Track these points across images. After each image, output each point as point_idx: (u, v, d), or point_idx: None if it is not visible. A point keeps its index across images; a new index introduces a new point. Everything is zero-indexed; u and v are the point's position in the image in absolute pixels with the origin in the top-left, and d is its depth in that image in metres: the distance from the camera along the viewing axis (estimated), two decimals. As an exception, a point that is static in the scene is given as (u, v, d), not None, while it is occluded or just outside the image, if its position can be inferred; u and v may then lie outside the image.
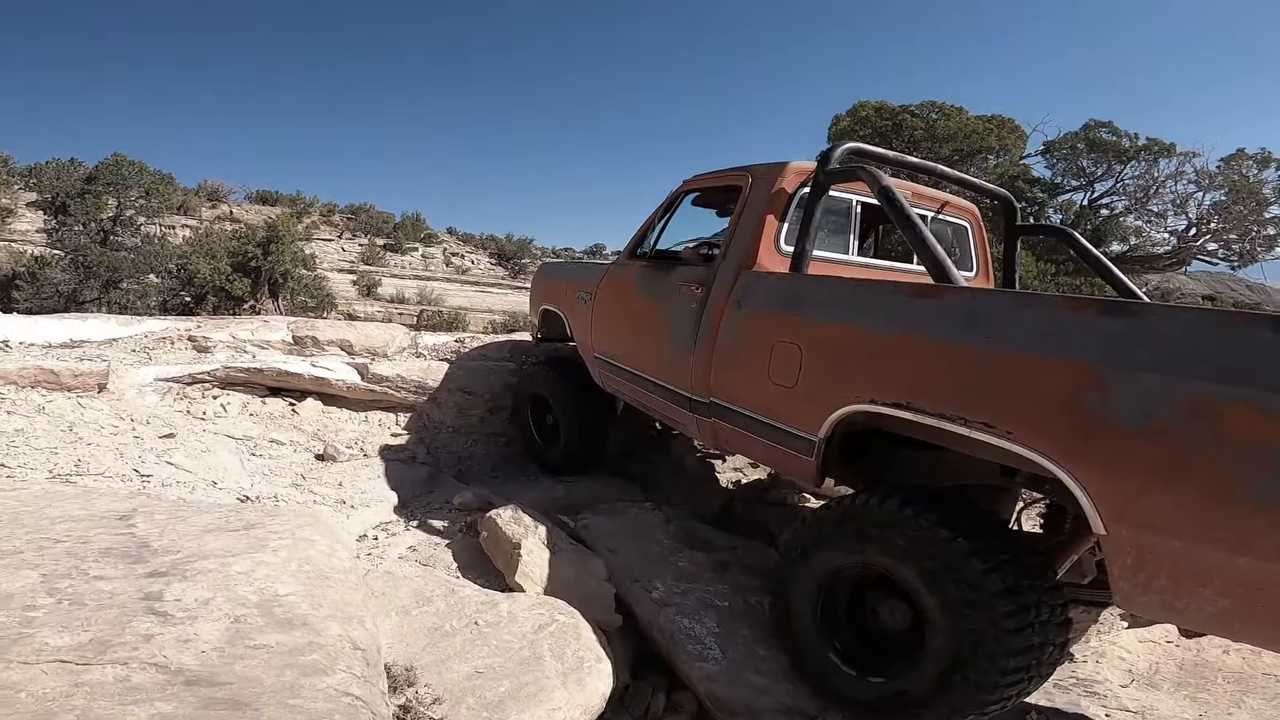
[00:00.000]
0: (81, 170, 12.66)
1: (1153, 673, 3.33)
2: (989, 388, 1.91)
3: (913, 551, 2.04)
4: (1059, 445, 1.76)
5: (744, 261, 2.96)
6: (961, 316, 2.06)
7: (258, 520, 1.95)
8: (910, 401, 2.11)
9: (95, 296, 11.06)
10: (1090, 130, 11.32)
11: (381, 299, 21.39)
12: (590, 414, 4.66)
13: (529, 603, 2.33)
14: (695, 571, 3.10)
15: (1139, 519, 1.64)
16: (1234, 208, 10.28)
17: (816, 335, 2.51)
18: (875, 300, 2.39)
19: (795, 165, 3.05)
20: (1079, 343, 1.75)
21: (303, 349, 5.40)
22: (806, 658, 2.43)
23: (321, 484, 3.63)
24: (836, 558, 2.31)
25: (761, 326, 2.75)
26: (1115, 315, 1.74)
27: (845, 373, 2.36)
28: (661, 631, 2.69)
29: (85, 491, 2.40)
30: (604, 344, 4.15)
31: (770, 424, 2.68)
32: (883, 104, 11.45)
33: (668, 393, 3.36)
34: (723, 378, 2.94)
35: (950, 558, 1.95)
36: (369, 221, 30.84)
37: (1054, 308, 1.90)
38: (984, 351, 1.95)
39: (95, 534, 1.74)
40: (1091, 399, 1.69)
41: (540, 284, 5.37)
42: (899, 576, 2.12)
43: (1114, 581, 1.75)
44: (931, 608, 2.02)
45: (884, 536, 2.12)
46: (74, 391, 3.94)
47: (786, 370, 2.57)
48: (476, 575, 2.82)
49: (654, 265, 3.60)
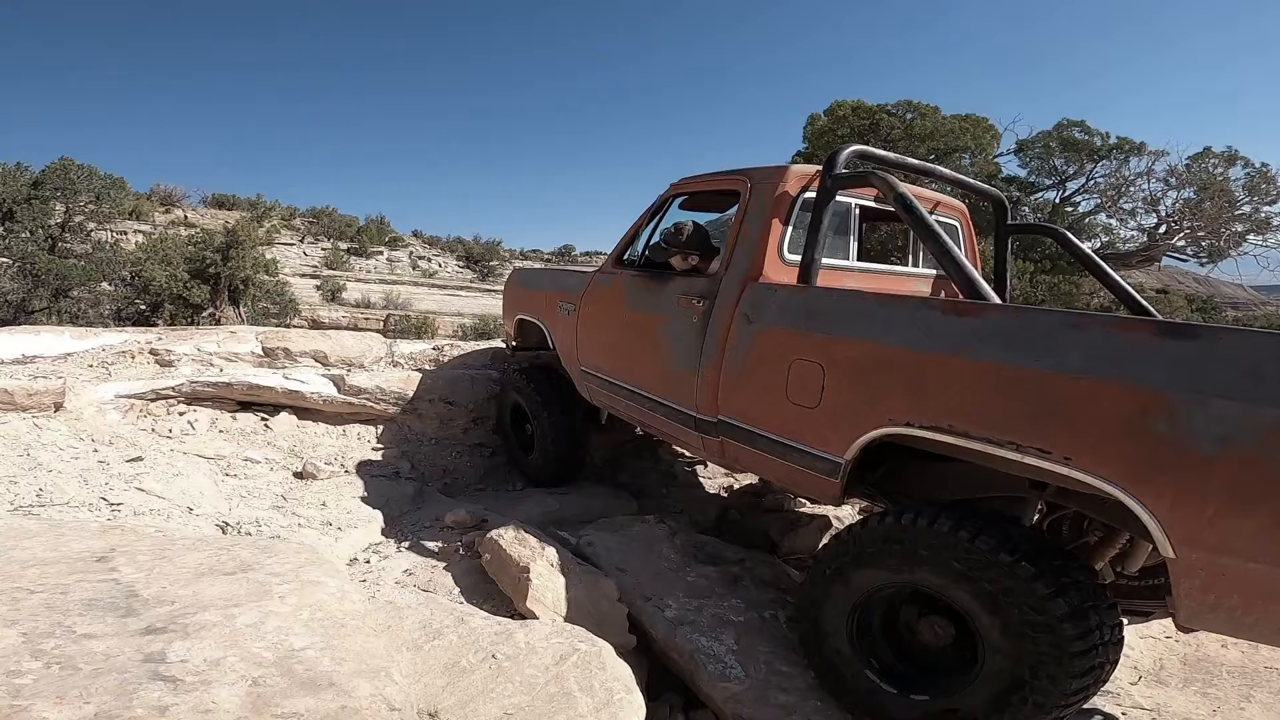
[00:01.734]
0: (28, 175, 11.97)
1: (1159, 669, 3.35)
2: (1043, 412, 1.84)
3: (971, 575, 1.97)
4: (1125, 471, 1.71)
5: (749, 273, 2.82)
6: (1006, 336, 1.96)
7: (253, 560, 1.76)
8: (952, 425, 2.02)
9: (45, 305, 10.50)
10: (1063, 129, 11.53)
11: (347, 304, 20.89)
12: (566, 423, 4.49)
13: (546, 631, 2.18)
14: (707, 586, 3.00)
15: (1213, 543, 1.61)
16: (1204, 205, 10.59)
17: (841, 353, 2.37)
18: (905, 316, 2.25)
19: (796, 169, 2.93)
20: (1141, 366, 1.70)
21: (274, 361, 5.14)
22: (841, 677, 2.33)
23: (304, 505, 3.43)
24: (880, 577, 2.21)
25: (776, 343, 2.61)
26: (1179, 338, 1.69)
27: (876, 394, 2.24)
28: (680, 652, 2.59)
29: (52, 526, 2.18)
30: (592, 358, 3.96)
31: (789, 444, 2.56)
32: (859, 103, 11.51)
33: (669, 410, 3.20)
34: (733, 396, 2.80)
35: (1014, 582, 1.89)
36: (332, 225, 30.09)
37: (1110, 328, 1.83)
38: (1036, 374, 1.86)
39: (73, 581, 1.55)
40: (1160, 425, 1.64)
41: (515, 293, 5.16)
42: (951, 597, 2.04)
43: (1179, 600, 1.73)
44: (989, 629, 1.95)
45: (938, 559, 2.04)
46: (29, 412, 3.66)
47: (807, 390, 2.45)
48: (481, 600, 2.67)
49: (646, 275, 3.44)
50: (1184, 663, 3.47)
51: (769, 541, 4.10)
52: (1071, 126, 11.31)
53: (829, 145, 11.47)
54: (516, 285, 5.22)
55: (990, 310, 2.07)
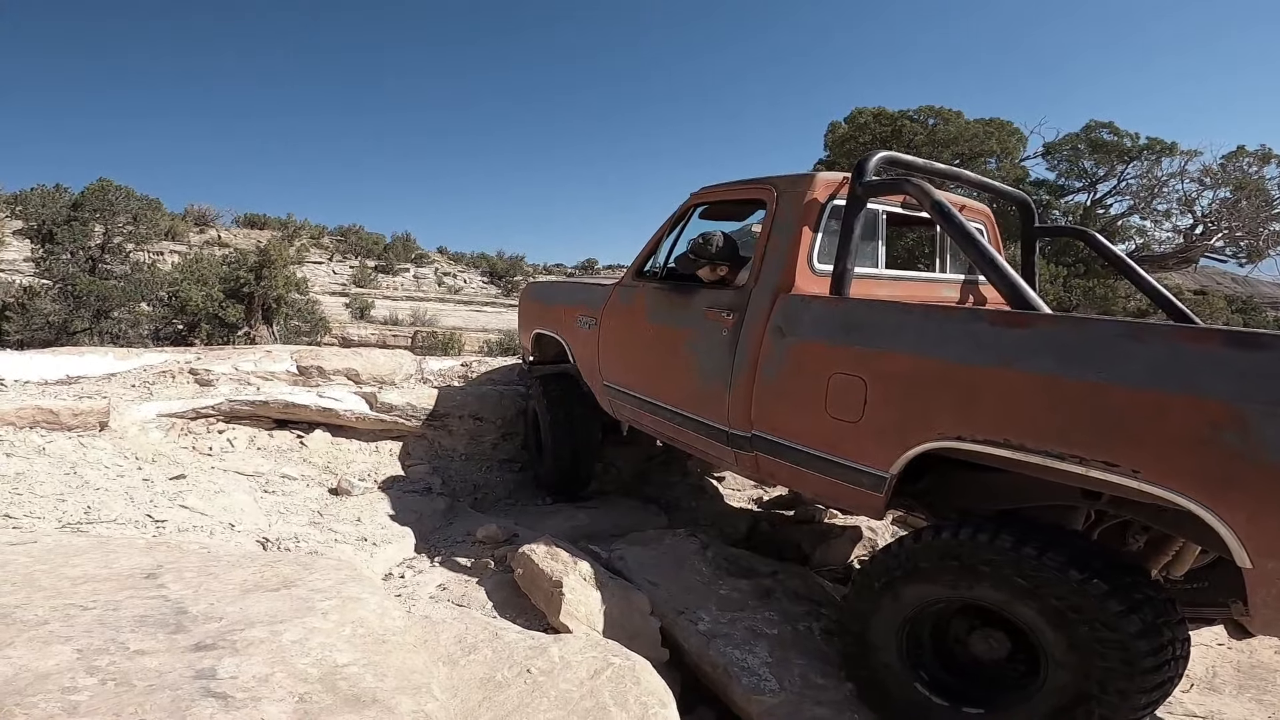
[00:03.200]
0: (67, 197, 12.34)
1: (1211, 676, 3.28)
2: (1107, 425, 1.80)
3: (1038, 591, 1.93)
4: (1198, 484, 1.68)
5: (780, 285, 2.76)
6: (1064, 347, 1.92)
7: (295, 576, 1.80)
8: (1009, 439, 1.97)
9: (86, 326, 10.82)
10: (1091, 130, 11.30)
11: (375, 321, 21.21)
12: (572, 434, 4.47)
13: (579, 645, 2.19)
14: (739, 599, 2.98)
15: None
16: (1241, 205, 10.31)
17: (885, 367, 2.31)
18: (953, 329, 2.20)
19: (824, 176, 2.87)
20: (1210, 377, 1.66)
21: (308, 379, 5.26)
22: (888, 691, 2.28)
23: (340, 521, 3.48)
24: (935, 591, 2.16)
25: (814, 357, 2.56)
26: (1249, 348, 1.65)
27: (924, 407, 2.18)
28: (713, 665, 2.57)
29: (101, 543, 2.25)
30: (616, 373, 3.89)
31: (829, 459, 2.49)
32: (880, 110, 11.41)
33: (699, 425, 3.14)
34: (768, 411, 2.74)
35: (1083, 599, 1.86)
36: (359, 243, 30.64)
37: (1174, 339, 1.80)
38: (1100, 386, 1.81)
39: (124, 598, 1.60)
40: (1233, 438, 1.61)
41: (530, 307, 5.12)
42: (1014, 613, 2.00)
43: (1255, 608, 1.72)
44: (1055, 644, 1.92)
45: (1000, 575, 1.99)
46: (74, 431, 3.78)
47: (848, 404, 2.39)
48: (515, 615, 2.69)
49: (670, 288, 3.39)
50: (1238, 670, 3.39)
51: (800, 554, 4.07)
52: (1100, 128, 11.07)
53: (850, 153, 11.37)
54: (531, 299, 5.19)
55: (1043, 320, 2.02)
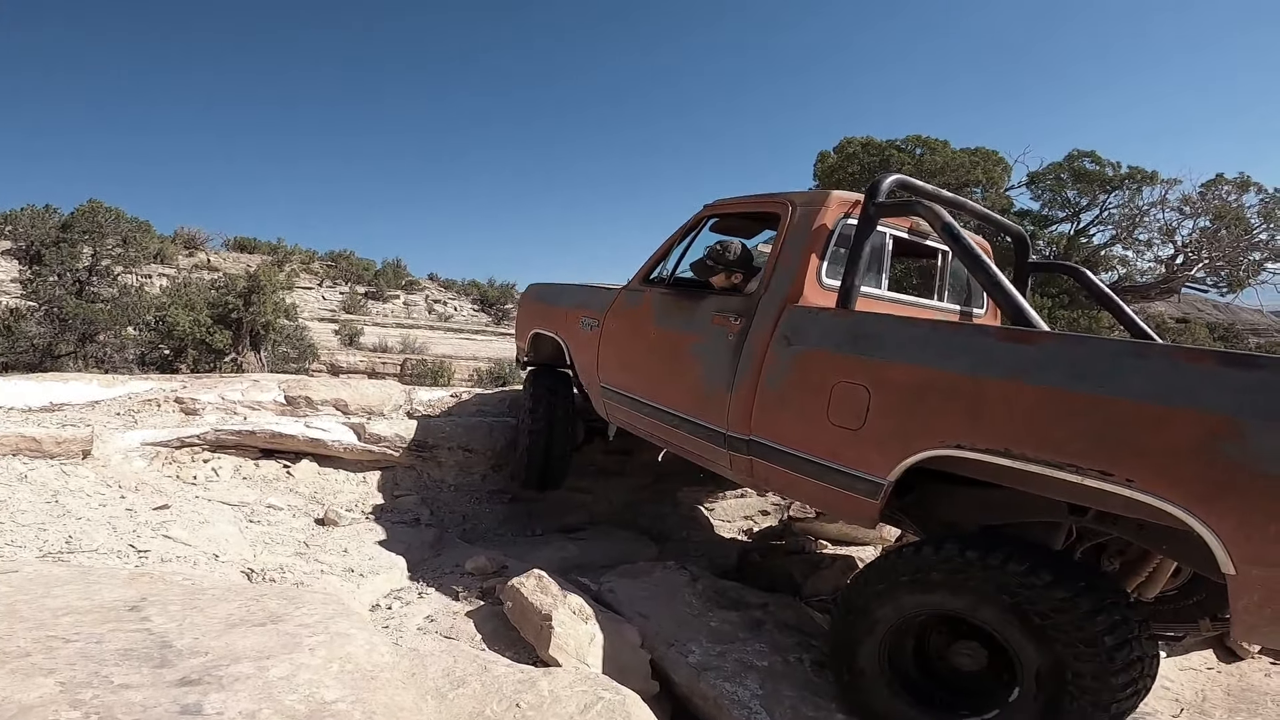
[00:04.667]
0: (57, 217, 12.30)
1: (1201, 700, 3.28)
2: (1105, 436, 1.89)
3: (1021, 605, 2.02)
4: (1189, 492, 1.77)
5: (789, 295, 2.85)
6: (1068, 363, 2.01)
7: (282, 610, 1.77)
8: (1009, 448, 2.05)
9: (71, 350, 10.72)
10: (1074, 160, 11.50)
11: (364, 348, 21.13)
12: (555, 430, 4.56)
13: (569, 679, 2.16)
14: (730, 632, 2.96)
15: (1273, 558, 1.69)
16: (1221, 234, 10.50)
17: (890, 377, 2.39)
18: (960, 343, 2.31)
19: (839, 195, 2.98)
20: (1209, 393, 1.76)
21: (296, 409, 5.21)
22: (876, 709, 2.35)
23: (326, 551, 3.44)
24: (926, 602, 2.23)
25: (818, 366, 2.63)
26: (1245, 367, 1.77)
27: (926, 417, 2.27)
28: (704, 698, 2.55)
29: (83, 574, 2.21)
30: (613, 375, 3.95)
31: (827, 465, 2.56)
32: (869, 139, 11.64)
33: (696, 428, 3.19)
34: (768, 416, 2.81)
35: (1066, 615, 1.96)
36: (349, 269, 30.63)
37: (1174, 357, 1.90)
38: (1099, 399, 1.91)
39: (107, 630, 1.57)
40: (1229, 448, 1.71)
41: (531, 307, 5.19)
42: (995, 626, 2.09)
43: (1237, 615, 1.80)
44: (1032, 656, 2.02)
45: (984, 589, 2.09)
46: (57, 459, 3.73)
47: (850, 412, 2.47)
48: (504, 647, 2.65)
49: (678, 293, 3.45)
50: (1227, 693, 3.38)
51: (792, 584, 4.05)
52: (1082, 157, 11.27)
53: (840, 183, 11.53)
54: (534, 300, 5.22)
55: (1048, 338, 2.13)
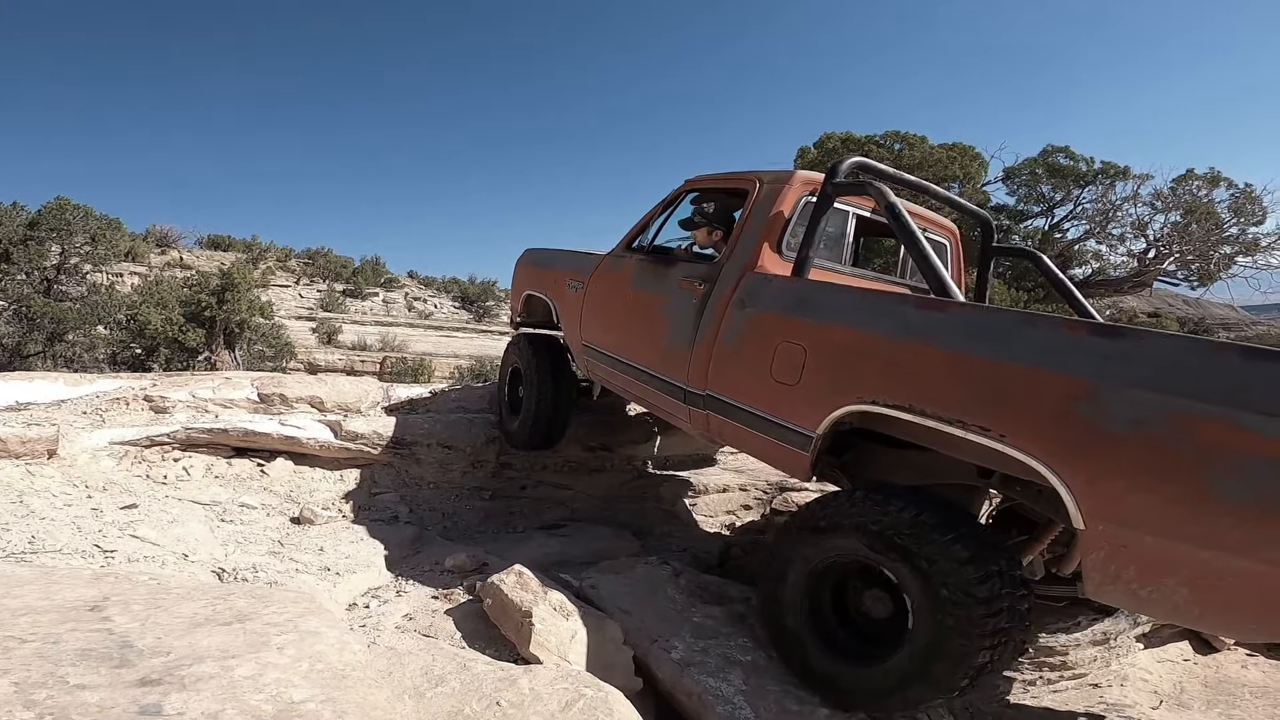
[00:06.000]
0: (24, 215, 11.92)
1: (1179, 692, 3.31)
2: (988, 395, 2.08)
3: (910, 550, 2.19)
4: (1048, 448, 1.93)
5: (749, 263, 3.06)
6: (968, 330, 2.22)
7: (250, 609, 1.71)
8: (913, 404, 2.25)
9: (40, 350, 10.43)
10: (1049, 155, 11.60)
11: (343, 346, 20.85)
12: (554, 392, 4.71)
13: (550, 677, 2.12)
14: (713, 627, 2.94)
15: (1117, 516, 1.83)
16: (1191, 228, 10.66)
17: (823, 338, 2.62)
18: (884, 309, 2.54)
19: (803, 174, 3.16)
20: (1076, 359, 1.93)
21: (270, 407, 5.10)
22: (796, 650, 2.57)
23: (301, 550, 3.36)
24: (840, 545, 2.41)
25: (766, 326, 2.85)
26: (1111, 337, 1.96)
27: (849, 375, 2.48)
28: (688, 694, 2.52)
29: (45, 574, 2.13)
30: (594, 333, 4.20)
31: (768, 419, 2.77)
32: (849, 135, 11.69)
33: (662, 384, 3.42)
34: (722, 372, 3.02)
35: (945, 561, 2.11)
36: (327, 266, 30.10)
37: (1056, 327, 2.08)
38: (987, 362, 2.11)
39: (65, 630, 1.50)
40: (1084, 408, 1.87)
41: (526, 270, 5.40)
42: (894, 570, 2.26)
43: (1086, 572, 1.95)
44: (919, 599, 2.18)
45: (883, 534, 2.26)
46: (22, 459, 3.61)
47: (789, 369, 2.67)
48: (484, 645, 2.60)
49: (653, 259, 3.69)
50: (1205, 685, 3.42)
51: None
52: (1056, 152, 11.40)
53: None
54: (527, 264, 5.42)
55: (955, 307, 2.35)
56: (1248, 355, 1.72)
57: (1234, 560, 1.69)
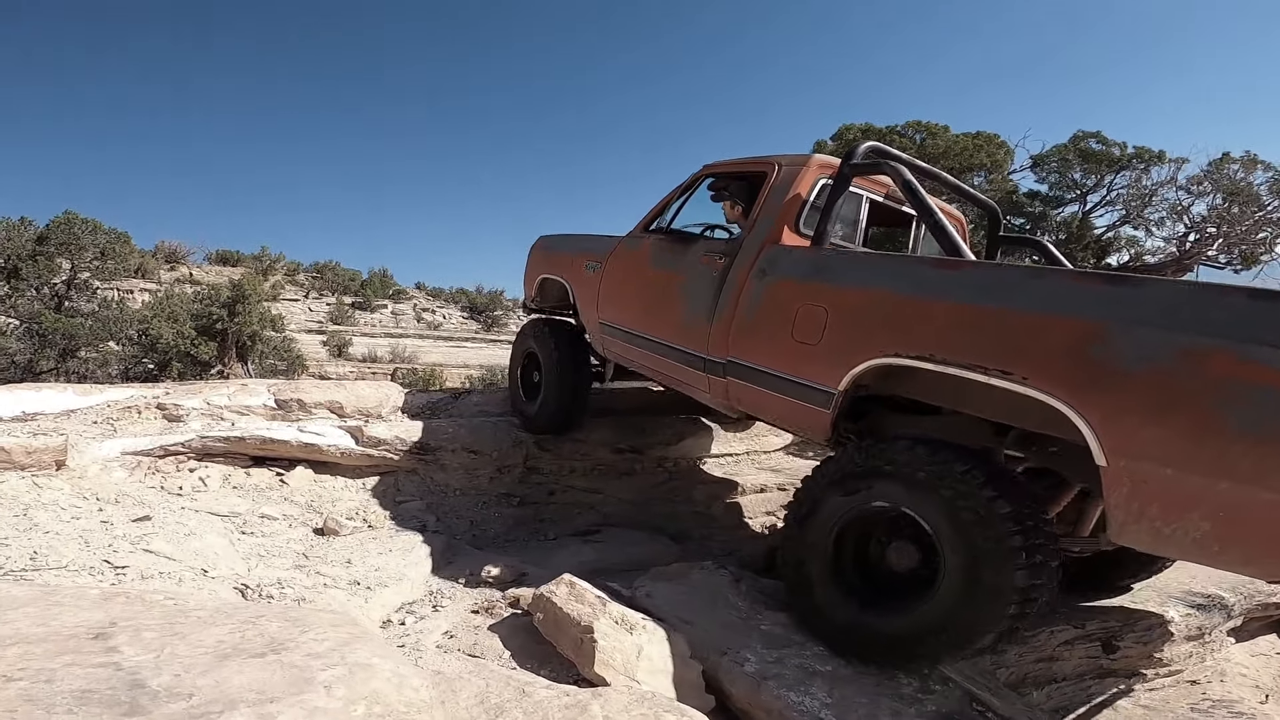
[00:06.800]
0: (32, 230, 11.75)
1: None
2: (1008, 342, 2.17)
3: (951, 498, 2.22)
4: (1068, 387, 2.00)
5: (769, 238, 3.19)
6: (984, 284, 2.35)
7: (285, 636, 1.44)
8: (933, 354, 2.33)
9: (52, 366, 10.26)
10: (1079, 141, 11.33)
11: (353, 359, 20.71)
12: (579, 372, 4.78)
13: (624, 701, 1.85)
14: (783, 635, 2.66)
15: (1136, 450, 1.88)
16: (1231, 211, 10.33)
17: (844, 299, 2.73)
18: (901, 269, 2.73)
19: (820, 157, 3.33)
20: (1087, 304, 2.04)
21: (288, 413, 4.86)
22: (822, 605, 2.60)
23: (328, 563, 3.10)
24: (874, 493, 2.44)
25: (788, 292, 2.97)
26: (1118, 284, 2.09)
27: (871, 331, 2.57)
28: (767, 710, 2.26)
29: (44, 594, 1.88)
30: (612, 311, 4.30)
31: (790, 379, 2.86)
32: (868, 126, 11.38)
33: (680, 355, 3.54)
34: (742, 339, 3.12)
35: (985, 510, 2.14)
36: (335, 279, 30.01)
37: (1065, 277, 2.28)
38: (1004, 311, 2.22)
39: (62, 665, 1.24)
40: (1098, 349, 1.96)
41: (540, 255, 5.50)
42: (924, 516, 2.29)
43: (1110, 513, 1.97)
44: (953, 547, 2.21)
45: (920, 481, 2.30)
46: (28, 470, 3.37)
47: (810, 330, 2.77)
48: (537, 665, 2.33)
49: (672, 239, 3.82)
50: (1305, 675, 3.24)
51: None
52: (1088, 138, 11.12)
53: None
54: (542, 250, 5.51)
55: (969, 264, 2.53)
56: (1253, 295, 1.83)
57: (1247, 490, 1.73)
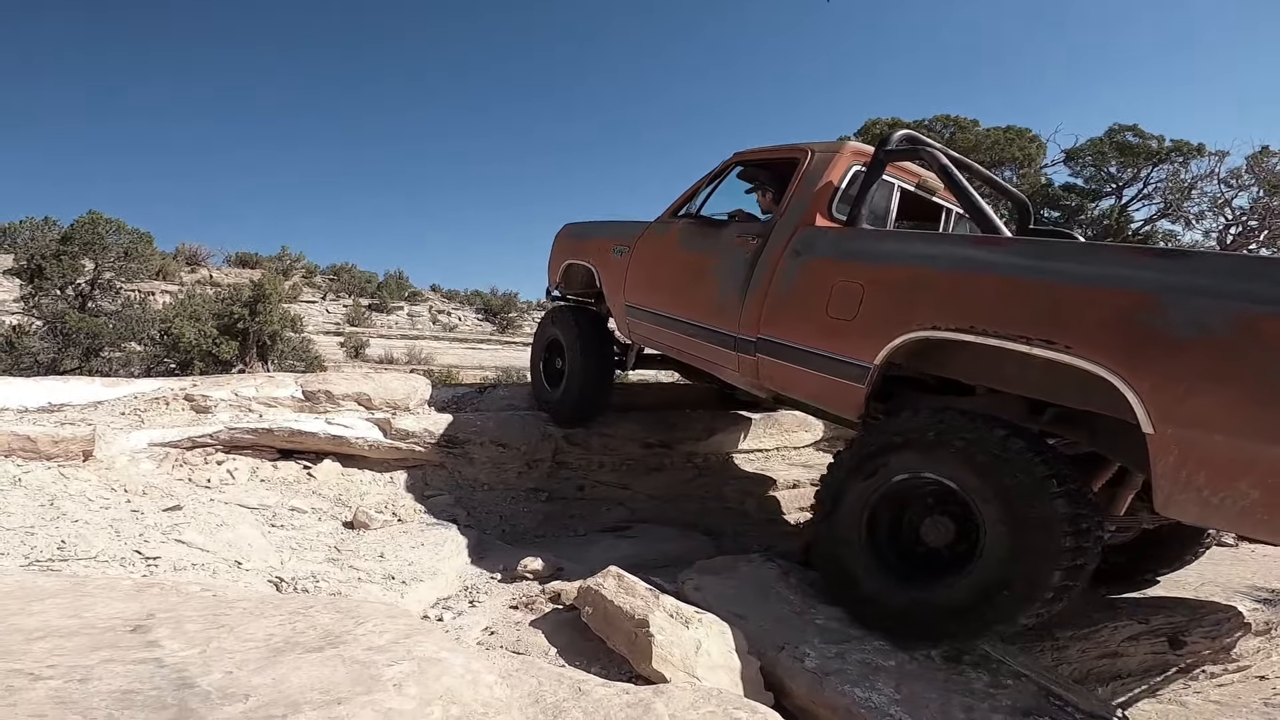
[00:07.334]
0: (56, 230, 11.79)
1: None
2: (1052, 313, 2.15)
3: (995, 470, 2.20)
4: (1115, 356, 1.99)
5: (803, 221, 3.19)
6: (1028, 258, 2.33)
7: (340, 628, 1.31)
8: (974, 325, 2.33)
9: (76, 365, 10.30)
10: (1115, 134, 11.08)
11: (370, 360, 20.74)
12: (604, 358, 4.78)
13: (689, 699, 1.72)
14: (840, 629, 2.52)
15: (1185, 417, 1.86)
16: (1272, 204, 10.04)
17: (882, 275, 2.71)
18: (944, 247, 2.69)
19: (853, 145, 3.35)
20: (1138, 276, 2.03)
21: (315, 405, 4.78)
22: (855, 575, 2.56)
23: (361, 557, 3.00)
24: (907, 463, 2.42)
25: (824, 269, 2.96)
26: (1170, 257, 2.20)
27: (910, 305, 2.53)
28: (833, 707, 2.12)
29: (75, 585, 1.78)
30: (639, 294, 4.31)
31: (824, 355, 2.84)
32: (895, 121, 11.15)
33: (709, 334, 3.54)
34: (775, 317, 3.13)
35: (1034, 483, 2.11)
36: (351, 282, 30.14)
37: (1117, 252, 2.32)
38: (1050, 284, 2.19)
39: (98, 661, 1.13)
40: (1148, 318, 1.95)
41: (565, 243, 5.50)
42: (966, 487, 2.27)
43: (1157, 483, 1.94)
44: (996, 519, 2.19)
45: (965, 453, 2.27)
46: (55, 460, 3.30)
47: (846, 306, 2.76)
48: (586, 661, 2.21)
49: (703, 223, 3.82)
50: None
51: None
52: (1124, 131, 10.87)
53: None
54: (568, 236, 5.51)
55: (1013, 241, 2.57)
56: None
57: None
